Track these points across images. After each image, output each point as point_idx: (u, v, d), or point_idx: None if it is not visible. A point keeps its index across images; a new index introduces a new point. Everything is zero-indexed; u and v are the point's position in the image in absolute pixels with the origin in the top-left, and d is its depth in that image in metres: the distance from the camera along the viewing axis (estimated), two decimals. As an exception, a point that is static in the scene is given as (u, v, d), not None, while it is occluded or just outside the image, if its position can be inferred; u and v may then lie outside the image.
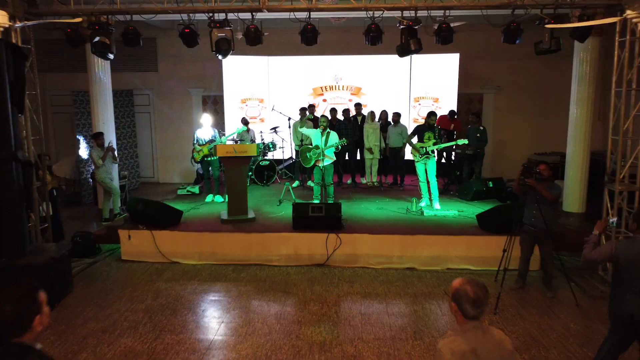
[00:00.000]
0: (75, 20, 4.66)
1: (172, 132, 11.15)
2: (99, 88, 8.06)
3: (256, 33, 5.74)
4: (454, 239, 6.17)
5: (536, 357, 4.21)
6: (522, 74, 10.37)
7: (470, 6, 5.37)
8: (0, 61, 4.70)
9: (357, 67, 10.11)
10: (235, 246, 6.30)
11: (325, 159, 7.26)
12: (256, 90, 10.32)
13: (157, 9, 5.52)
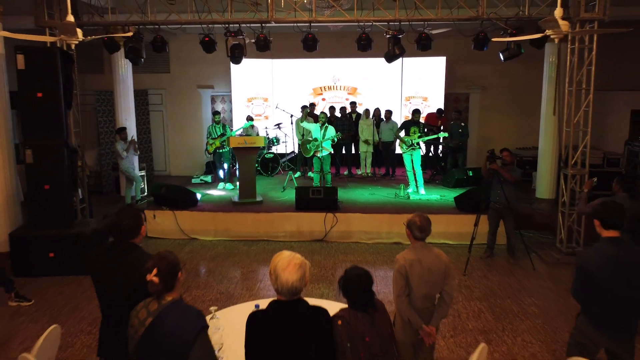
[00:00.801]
0: (127, 35, 5.72)
1: (182, 128, 12.20)
2: (123, 88, 9.14)
3: (265, 41, 6.84)
4: (435, 217, 7.13)
5: (493, 304, 5.29)
6: (505, 75, 11.40)
7: (445, 18, 6.47)
8: (56, 66, 5.79)
9: (353, 69, 11.18)
10: (245, 224, 7.38)
11: (323, 150, 8.35)
12: (261, 90, 11.40)
13: (181, 21, 6.62)
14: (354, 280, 2.56)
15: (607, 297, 2.96)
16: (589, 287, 3.01)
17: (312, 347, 2.26)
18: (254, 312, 2.33)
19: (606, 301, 2.97)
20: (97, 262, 2.74)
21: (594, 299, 3.02)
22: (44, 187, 5.88)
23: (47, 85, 5.78)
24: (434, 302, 3.20)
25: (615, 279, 2.93)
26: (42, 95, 5.76)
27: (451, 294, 3.19)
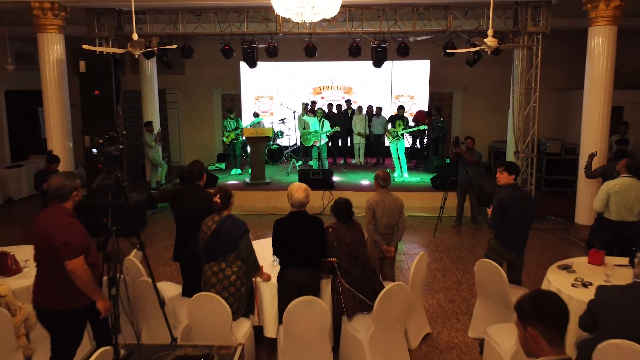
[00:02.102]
0: (172, 47, 7.35)
1: (196, 124, 13.83)
2: (149, 87, 10.77)
3: (274, 49, 8.50)
4: (414, 194, 8.90)
5: (452, 254, 6.93)
6: (483, 76, 12.99)
7: (419, 31, 8.11)
8: (110, 70, 7.44)
9: (348, 71, 12.81)
10: (256, 200, 9.02)
11: (321, 140, 10.01)
12: (267, 89, 13.06)
13: (206, 32, 8.28)
14: (340, 204, 4.19)
15: (511, 223, 4.58)
16: (503, 217, 4.61)
17: (311, 239, 3.90)
18: (279, 218, 3.98)
19: (510, 225, 4.59)
20: (177, 194, 4.40)
21: (504, 225, 4.62)
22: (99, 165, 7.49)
23: (103, 85, 7.42)
24: (393, 230, 4.83)
25: (515, 210, 4.55)
26: (98, 93, 7.40)
27: (404, 224, 4.82)
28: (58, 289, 2.91)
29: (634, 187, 5.06)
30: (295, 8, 5.24)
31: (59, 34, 7.64)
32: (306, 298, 3.55)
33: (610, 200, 5.14)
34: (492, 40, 5.51)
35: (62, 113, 7.84)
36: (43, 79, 7.68)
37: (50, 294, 2.90)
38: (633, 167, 5.13)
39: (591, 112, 7.30)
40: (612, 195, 5.12)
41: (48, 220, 2.95)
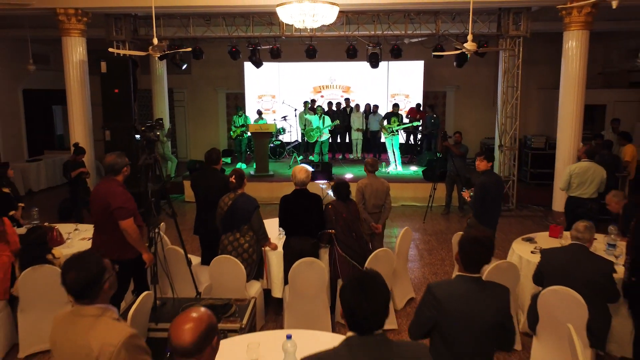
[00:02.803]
0: (187, 50, 8.12)
1: (201, 122, 14.61)
2: (159, 86, 11.56)
3: (277, 51, 9.28)
4: (407, 185, 9.69)
5: (439, 237, 7.71)
6: (475, 76, 13.76)
7: (410, 35, 8.90)
8: (128, 70, 8.23)
9: (347, 71, 13.59)
10: (261, 191, 9.78)
11: (323, 135, 10.80)
12: (269, 88, 13.85)
13: (215, 36, 9.07)
14: (340, 185, 4.97)
15: (489, 203, 5.35)
16: (485, 199, 5.38)
17: (312, 212, 4.69)
18: (285, 195, 4.77)
19: (488, 205, 5.36)
20: (198, 176, 5.20)
21: (485, 206, 5.39)
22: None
23: (122, 84, 8.20)
24: (380, 210, 5.61)
25: (493, 192, 5.33)
26: (118, 91, 8.18)
27: (389, 205, 5.60)
28: (113, 243, 3.68)
29: (591, 169, 6.00)
30: (297, 16, 6.03)
31: (81, 37, 8.41)
32: (308, 259, 4.34)
33: (572, 180, 6.08)
34: (471, 44, 6.29)
35: (84, 110, 8.62)
36: (67, 79, 8.46)
37: (106, 248, 3.67)
38: (591, 153, 6.11)
39: (566, 110, 8.08)
40: (573, 176, 6.07)
41: (104, 190, 3.73)
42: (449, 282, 2.66)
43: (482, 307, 2.46)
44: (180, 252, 4.71)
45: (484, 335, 2.49)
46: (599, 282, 3.71)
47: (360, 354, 1.74)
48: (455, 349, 2.51)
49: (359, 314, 1.75)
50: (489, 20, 8.85)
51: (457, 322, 2.45)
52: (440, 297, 2.49)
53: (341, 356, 1.76)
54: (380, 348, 1.76)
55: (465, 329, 2.46)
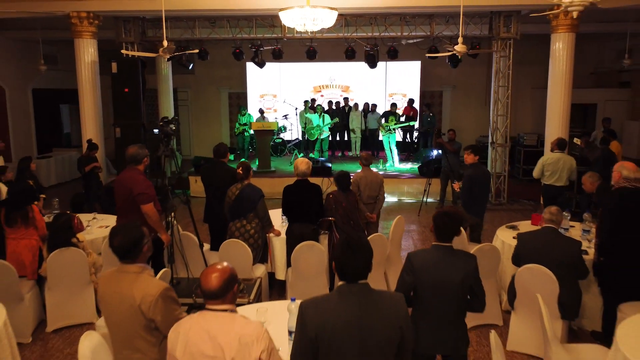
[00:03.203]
0: (194, 51, 8.58)
1: (204, 120, 15.08)
2: (165, 86, 12.02)
3: (279, 52, 9.74)
4: (403, 181, 10.15)
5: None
6: (471, 76, 14.22)
7: (406, 36, 9.36)
8: (138, 70, 8.68)
9: (346, 71, 14.05)
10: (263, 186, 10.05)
11: (323, 133, 11.26)
12: (271, 88, 14.31)
13: (220, 38, 9.53)
14: (341, 176, 5.42)
15: (475, 194, 5.82)
16: (472, 190, 5.85)
17: (312, 201, 5.15)
18: (287, 185, 5.23)
19: (475, 196, 5.82)
20: (207, 168, 5.65)
21: (472, 197, 5.85)
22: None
23: (131, 83, 8.66)
24: (375, 200, 6.05)
25: (479, 183, 5.79)
26: (128, 91, 8.64)
27: (383, 196, 6.05)
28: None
29: (562, 159, 6.67)
30: (299, 20, 6.48)
31: (92, 39, 8.86)
32: (308, 242, 4.80)
33: (545, 170, 6.73)
34: (461, 46, 6.75)
35: (95, 109, 9.07)
36: (79, 79, 8.91)
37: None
38: (562, 145, 6.80)
39: (554, 108, 8.54)
40: (545, 165, 6.73)
41: (127, 177, 4.19)
42: (425, 250, 3.11)
43: (452, 270, 2.93)
44: (193, 238, 5.17)
45: (454, 295, 2.95)
46: (569, 260, 4.17)
47: (347, 297, 2.20)
48: (430, 310, 2.97)
49: (347, 267, 2.22)
50: (481, 23, 9.30)
51: (430, 284, 2.92)
52: (416, 263, 2.96)
53: (333, 299, 2.22)
54: (363, 294, 2.22)
55: (438, 289, 2.92)
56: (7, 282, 4.40)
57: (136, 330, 2.40)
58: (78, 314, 4.89)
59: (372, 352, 2.18)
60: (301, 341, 2.17)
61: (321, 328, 2.13)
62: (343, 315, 2.16)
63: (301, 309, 2.21)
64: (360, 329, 2.15)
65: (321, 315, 2.17)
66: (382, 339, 2.20)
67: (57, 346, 4.59)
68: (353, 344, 2.15)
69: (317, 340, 2.13)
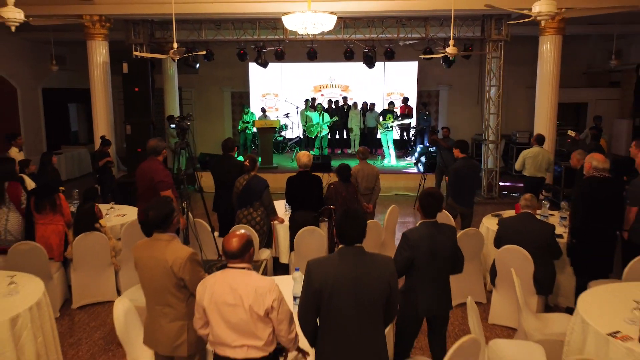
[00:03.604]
0: (201, 53, 9.08)
1: (207, 119, 15.55)
2: (171, 85, 12.53)
3: (282, 53, 10.26)
4: (400, 176, 10.67)
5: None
6: (466, 76, 14.67)
7: (402, 38, 9.87)
8: (147, 70, 9.20)
9: (345, 71, 14.56)
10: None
11: (322, 131, 11.78)
12: (273, 87, 14.82)
13: (225, 39, 10.04)
14: (342, 168, 5.92)
15: (462, 186, 6.33)
16: (456, 182, 6.37)
17: (313, 190, 5.66)
18: (290, 176, 5.75)
19: (462, 187, 6.34)
20: (216, 161, 6.17)
21: (459, 188, 6.38)
22: (138, 150, 9.26)
23: (141, 83, 9.17)
24: (371, 191, 6.57)
25: (465, 176, 6.31)
26: (138, 90, 9.15)
27: (379, 187, 6.56)
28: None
29: (541, 153, 7.37)
30: (301, 24, 6.99)
31: (104, 41, 9.37)
32: (309, 227, 5.32)
33: (526, 163, 7.38)
34: (452, 48, 7.27)
35: (106, 107, 9.58)
36: (91, 79, 9.42)
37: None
38: (540, 140, 7.54)
39: (542, 107, 9.04)
40: (526, 159, 7.36)
41: (148, 167, 4.70)
42: (417, 227, 3.62)
43: (442, 240, 3.45)
44: (204, 224, 5.68)
45: (443, 262, 3.47)
46: (543, 241, 4.68)
47: (345, 257, 2.72)
48: (427, 277, 3.47)
49: (345, 232, 2.73)
50: (473, 25, 9.81)
51: (426, 254, 3.43)
52: (412, 239, 3.47)
53: (334, 258, 2.74)
54: (359, 254, 2.73)
55: (432, 258, 3.43)
56: (39, 262, 4.90)
57: (168, 288, 2.91)
58: (100, 292, 5.41)
59: (365, 303, 2.69)
60: (307, 292, 2.68)
61: (324, 281, 2.64)
62: (342, 271, 2.67)
63: (308, 265, 2.72)
64: (355, 282, 2.66)
65: (324, 271, 2.68)
66: (374, 292, 2.70)
67: (83, 320, 5.11)
68: (349, 295, 2.66)
69: (320, 291, 2.64)
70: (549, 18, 4.62)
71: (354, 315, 2.67)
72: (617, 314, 3.42)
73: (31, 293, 3.94)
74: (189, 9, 8.56)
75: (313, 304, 2.68)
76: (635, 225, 4.87)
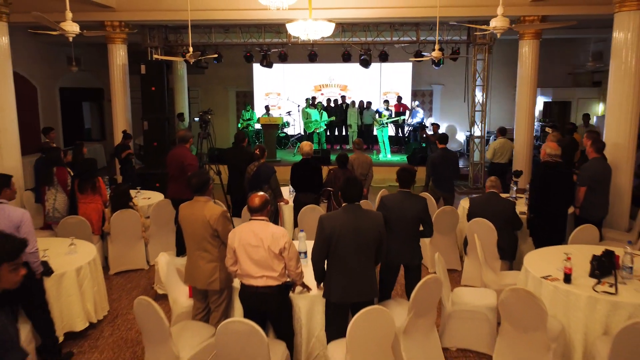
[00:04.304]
0: (214, 56, 10.07)
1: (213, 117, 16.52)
2: (180, 85, 13.54)
3: (285, 55, 11.28)
4: (393, 169, 11.58)
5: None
6: (457, 76, 15.61)
7: (396, 41, 10.88)
8: (163, 71, 10.20)
9: (344, 71, 15.57)
10: (270, 174, 11.74)
11: (320, 128, 12.79)
12: (275, 87, 15.83)
13: (233, 43, 11.05)
14: (341, 156, 6.93)
15: (440, 173, 7.35)
16: (434, 170, 7.39)
17: (314, 175, 6.67)
18: (295, 162, 6.76)
19: (441, 174, 7.36)
20: (229, 152, 7.18)
21: (436, 175, 7.40)
22: (154, 143, 10.27)
23: (157, 83, 10.16)
24: (365, 177, 7.56)
25: (442, 164, 7.33)
26: (154, 89, 10.14)
27: (372, 174, 7.57)
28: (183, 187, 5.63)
29: (505, 143, 8.92)
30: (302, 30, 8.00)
31: (123, 44, 10.37)
32: (311, 206, 6.32)
33: (495, 152, 8.76)
34: (437, 52, 8.28)
35: (125, 105, 10.58)
36: (111, 79, 10.41)
37: (178, 191, 5.65)
38: (503, 132, 9.00)
39: (521, 105, 10.03)
40: (495, 149, 8.76)
41: (178, 153, 5.73)
42: (393, 194, 4.62)
43: (410, 206, 4.45)
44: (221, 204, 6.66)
45: (412, 223, 4.47)
46: (505, 215, 5.68)
47: (348, 211, 3.72)
48: (396, 233, 4.47)
49: (348, 193, 3.75)
50: (460, 29, 10.82)
51: (397, 215, 4.43)
52: (387, 203, 4.48)
53: (340, 212, 3.74)
54: (358, 210, 3.75)
55: (401, 219, 4.43)
56: (84, 234, 5.88)
57: (205, 237, 3.91)
58: (133, 261, 6.42)
59: (362, 245, 3.70)
60: (320, 238, 3.69)
61: (332, 228, 3.65)
62: (346, 222, 3.68)
63: (321, 218, 3.74)
64: (355, 230, 3.67)
65: (333, 221, 3.69)
66: (369, 237, 3.71)
67: (120, 283, 6.12)
68: (351, 239, 3.66)
69: (330, 237, 3.65)
70: (502, 31, 5.61)
71: (353, 254, 3.69)
72: (551, 265, 4.43)
73: (87, 252, 4.97)
74: (202, 16, 9.56)
75: (324, 247, 3.69)
76: (584, 203, 5.90)
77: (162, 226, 6.63)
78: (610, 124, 6.86)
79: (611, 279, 3.99)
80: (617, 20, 6.60)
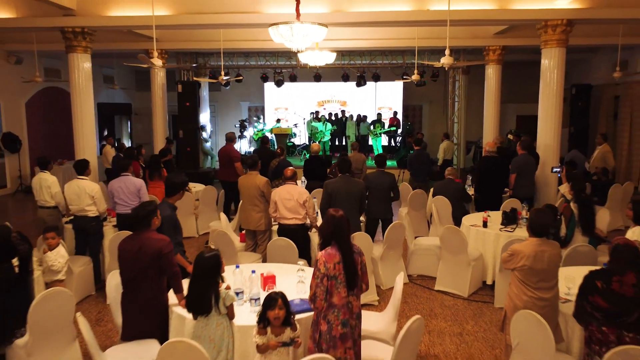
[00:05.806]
0: (239, 78, 12.65)
1: (228, 129, 19.08)
2: (202, 100, 16.10)
3: (294, 76, 13.89)
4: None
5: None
6: (443, 93, 18.28)
7: (387, 65, 13.47)
8: (195, 90, 12.77)
9: (344, 89, 18.15)
10: (281, 175, 14.25)
11: (325, 137, 15.36)
12: (284, 102, 18.43)
13: (251, 65, 13.66)
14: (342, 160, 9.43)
15: (416, 167, 9.88)
16: (411, 166, 9.92)
17: (321, 167, 9.18)
18: (306, 159, 9.29)
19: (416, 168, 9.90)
20: (257, 150, 9.71)
21: (413, 169, 9.92)
22: (187, 149, 12.80)
23: (191, 99, 12.73)
24: (360, 172, 10.05)
25: (417, 161, 9.87)
26: (189, 104, 12.70)
27: (365, 168, 10.06)
28: (231, 173, 8.16)
29: (449, 145, 11.41)
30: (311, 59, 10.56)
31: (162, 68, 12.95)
32: (319, 189, 8.81)
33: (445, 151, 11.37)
34: (416, 76, 10.87)
35: (163, 118, 13.13)
36: (153, 97, 12.96)
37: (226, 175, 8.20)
38: (447, 136, 10.98)
39: (488, 118, 12.57)
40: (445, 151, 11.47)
41: (228, 149, 8.29)
42: (373, 173, 7.13)
43: (384, 179, 6.96)
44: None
45: (385, 191, 6.98)
46: (457, 193, 8.15)
47: (342, 179, 6.26)
48: (375, 197, 6.96)
49: (343, 167, 6.30)
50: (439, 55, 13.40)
51: (374, 185, 6.93)
52: (370, 177, 7.00)
53: (338, 179, 6.28)
54: (349, 178, 6.29)
55: (378, 187, 6.93)
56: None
57: (255, 196, 6.37)
58: (188, 231, 8.88)
59: (351, 199, 6.18)
60: (325, 194, 6.19)
61: (332, 188, 6.16)
62: (341, 185, 6.18)
63: (325, 183, 6.26)
64: (347, 190, 6.16)
65: (333, 185, 6.20)
66: (355, 195, 6.21)
67: (181, 244, 8.58)
68: (343, 195, 6.15)
69: (330, 193, 6.15)
70: (448, 66, 8.13)
71: (345, 205, 6.16)
72: (479, 219, 6.90)
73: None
74: (230, 45, 12.15)
75: (327, 200, 6.19)
76: (515, 185, 8.39)
77: (207, 205, 9.11)
78: (541, 130, 9.38)
79: (514, 226, 6.48)
80: (543, 53, 9.16)
